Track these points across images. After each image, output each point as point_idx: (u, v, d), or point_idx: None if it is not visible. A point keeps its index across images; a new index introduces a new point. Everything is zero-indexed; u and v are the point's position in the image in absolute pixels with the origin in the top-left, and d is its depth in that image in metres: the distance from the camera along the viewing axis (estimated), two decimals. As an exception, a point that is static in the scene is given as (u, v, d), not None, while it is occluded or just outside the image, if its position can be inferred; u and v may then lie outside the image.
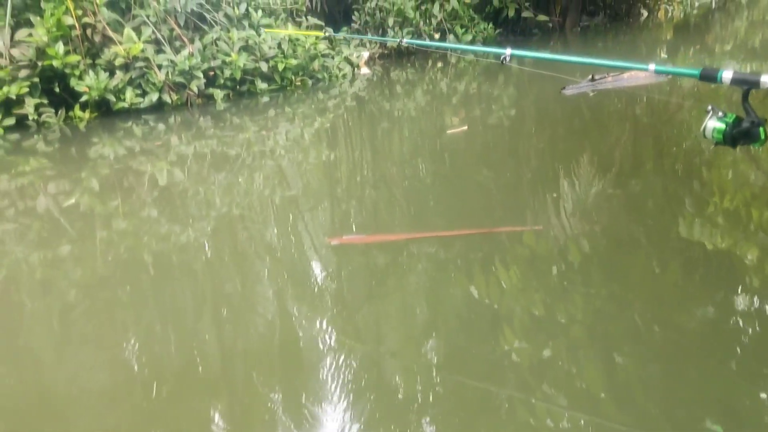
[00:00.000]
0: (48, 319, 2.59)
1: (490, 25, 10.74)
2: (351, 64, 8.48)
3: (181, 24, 6.99)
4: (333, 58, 8.17)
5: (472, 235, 2.95)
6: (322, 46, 7.98)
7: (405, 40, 4.36)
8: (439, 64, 9.37)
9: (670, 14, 14.50)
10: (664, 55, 8.75)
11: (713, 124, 1.94)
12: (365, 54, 9.29)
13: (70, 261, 3.06)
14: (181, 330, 2.44)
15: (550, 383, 1.90)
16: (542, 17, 11.83)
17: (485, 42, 10.51)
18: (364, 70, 8.79)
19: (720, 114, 1.94)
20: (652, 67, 2.13)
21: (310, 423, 1.83)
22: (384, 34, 9.91)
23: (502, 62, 2.81)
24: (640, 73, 5.75)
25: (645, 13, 14.21)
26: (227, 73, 6.92)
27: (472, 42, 10.24)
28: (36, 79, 6.08)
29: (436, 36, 10.02)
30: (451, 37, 10.07)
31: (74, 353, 2.33)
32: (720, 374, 1.91)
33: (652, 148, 4.33)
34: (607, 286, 2.52)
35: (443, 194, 3.75)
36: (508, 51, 2.76)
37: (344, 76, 8.11)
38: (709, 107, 1.96)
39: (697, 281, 2.52)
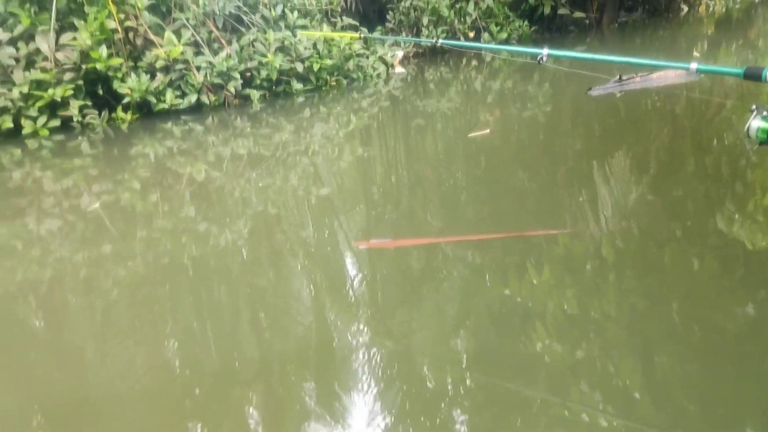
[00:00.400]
0: (90, 315, 2.68)
1: (526, 22, 10.65)
2: (385, 63, 8.50)
3: (219, 26, 7.11)
4: (367, 57, 8.22)
5: (503, 239, 2.94)
6: (357, 46, 8.03)
7: (441, 40, 4.36)
8: (474, 63, 9.34)
9: (711, 9, 14.15)
10: (696, 54, 8.56)
11: (758, 123, 1.91)
12: (399, 53, 9.31)
13: (111, 258, 3.15)
14: (215, 327, 2.50)
15: (585, 384, 1.90)
16: (579, 14, 11.67)
17: (520, 40, 10.43)
18: (399, 70, 8.81)
19: (765, 113, 1.91)
20: (693, 66, 2.10)
21: (342, 420, 1.87)
22: (418, 33, 9.92)
23: (538, 62, 2.78)
24: (669, 73, 5.61)
25: (685, 8, 13.90)
26: (263, 73, 7.02)
27: (507, 40, 10.18)
28: (80, 82, 6.26)
29: (471, 34, 9.98)
30: (485, 35, 10.02)
31: (115, 349, 2.41)
32: (760, 374, 1.88)
33: (689, 148, 4.25)
34: (644, 285, 2.49)
35: (473, 196, 3.75)
36: (545, 51, 2.74)
37: (378, 75, 8.15)
38: (754, 106, 1.93)
39: (737, 280, 2.48)
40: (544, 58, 2.74)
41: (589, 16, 12.06)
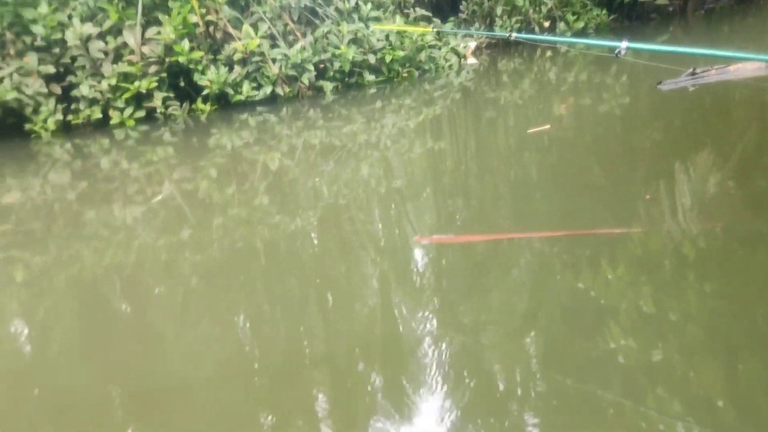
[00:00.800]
0: (169, 298, 2.83)
1: (604, 11, 10.32)
2: (458, 54, 8.46)
3: (295, 19, 7.27)
4: (440, 48, 8.19)
5: (573, 237, 2.90)
6: (429, 37, 8.02)
7: (514, 34, 4.31)
8: (549, 53, 9.14)
9: (809, -6, 13.25)
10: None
11: None
12: (472, 44, 9.23)
13: (188, 244, 3.31)
14: (283, 314, 2.59)
15: (662, 388, 1.86)
16: (662, 0, 11.20)
17: (598, 29, 10.13)
18: (471, 61, 8.74)
19: None
20: (775, 58, 2.00)
21: (408, 412, 1.91)
22: (492, 23, 9.79)
23: (616, 55, 2.71)
24: (747, 65, 5.30)
25: (779, -7, 13.09)
26: (336, 65, 7.13)
27: (584, 29, 9.90)
28: (164, 74, 6.56)
29: (546, 24, 9.78)
30: (561, 25, 9.78)
31: (189, 334, 2.54)
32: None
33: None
34: (727, 287, 2.40)
35: (543, 191, 3.70)
36: (624, 44, 2.66)
37: (450, 66, 8.12)
38: None
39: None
40: (623, 51, 2.66)
41: (673, 2, 11.55)
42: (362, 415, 1.92)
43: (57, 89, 6.37)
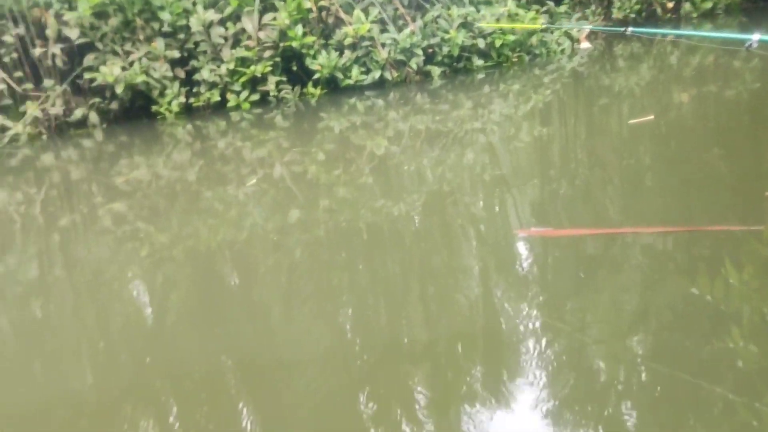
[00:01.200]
0: (275, 276, 2.96)
1: (737, -11, 9.55)
2: (571, 38, 8.15)
3: (405, 3, 7.28)
4: (552, 32, 7.93)
5: (683, 233, 2.73)
6: (542, 20, 7.78)
7: (630, 28, 4.08)
8: (670, 36, 8.59)
9: None
10: None
11: None
12: (586, 28, 8.85)
13: (296, 224, 3.43)
14: (384, 297, 2.63)
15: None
16: (805, -22, 10.18)
17: (728, 10, 9.40)
18: (585, 45, 8.40)
19: None
20: None
21: (508, 406, 1.89)
22: (609, 5, 9.34)
23: (747, 48, 2.48)
24: None
25: None
26: (445, 50, 7.09)
27: (713, 10, 9.23)
28: (278, 59, 6.80)
29: (670, 5, 9.19)
30: (686, 5, 9.17)
31: (296, 311, 2.65)
32: None
33: None
34: None
35: (656, 183, 3.51)
36: (756, 36, 2.41)
37: (563, 51, 7.84)
38: None
39: None
40: (754, 44, 2.43)
41: (819, -20, 10.46)
42: (457, 404, 1.92)
43: (181, 73, 6.77)
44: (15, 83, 6.52)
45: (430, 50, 7.14)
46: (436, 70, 7.07)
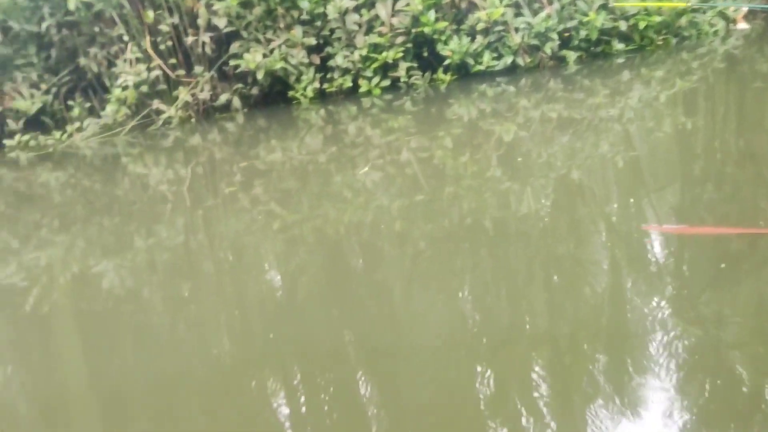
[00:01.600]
0: (401, 261, 3.01)
1: None
2: (726, 18, 7.48)
3: (542, -15, 7.04)
4: (704, 12, 7.32)
5: None
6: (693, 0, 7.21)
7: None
8: None
9: None
10: None
11: None
12: (745, 6, 8.08)
13: (421, 210, 3.46)
14: (508, 286, 2.59)
15: None
16: None
17: None
18: (741, 26, 7.67)
19: None
20: None
21: (635, 403, 1.81)
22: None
23: None
24: None
25: None
26: (582, 33, 6.78)
27: None
28: (409, 45, 6.85)
29: None
30: None
31: (419, 296, 2.68)
32: None
33: None
34: None
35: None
36: None
37: (716, 32, 7.22)
38: None
39: None
40: None
41: None
42: (579, 400, 1.87)
43: (316, 59, 7.02)
44: (169, 70, 7.08)
45: (566, 34, 6.86)
46: (571, 55, 6.78)
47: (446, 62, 6.79)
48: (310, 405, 2.03)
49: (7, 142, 7.14)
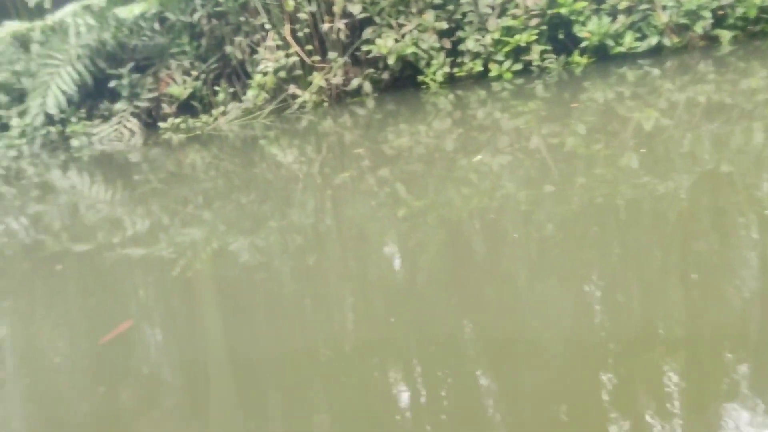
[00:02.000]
0: (526, 249, 2.93)
1: None
2: None
3: (694, -41, 6.51)
4: None
5: None
6: None
7: None
8: None
9: None
10: None
11: None
12: None
13: (550, 198, 3.35)
14: (640, 282, 2.45)
15: None
16: None
17: None
18: None
19: None
20: None
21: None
22: None
23: None
24: None
25: None
26: (739, 11, 6.19)
27: None
28: (544, 27, 6.61)
29: None
30: None
31: (544, 287, 2.60)
32: None
33: None
34: None
35: None
36: None
37: None
38: None
39: None
40: None
41: None
42: (719, 410, 1.73)
43: (447, 44, 6.98)
44: (306, 56, 7.36)
45: (721, 12, 6.30)
46: (726, 35, 6.23)
47: (583, 44, 6.49)
48: (427, 391, 2.04)
49: (161, 124, 7.79)
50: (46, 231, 4.43)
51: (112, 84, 7.90)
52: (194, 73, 7.79)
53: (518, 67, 6.68)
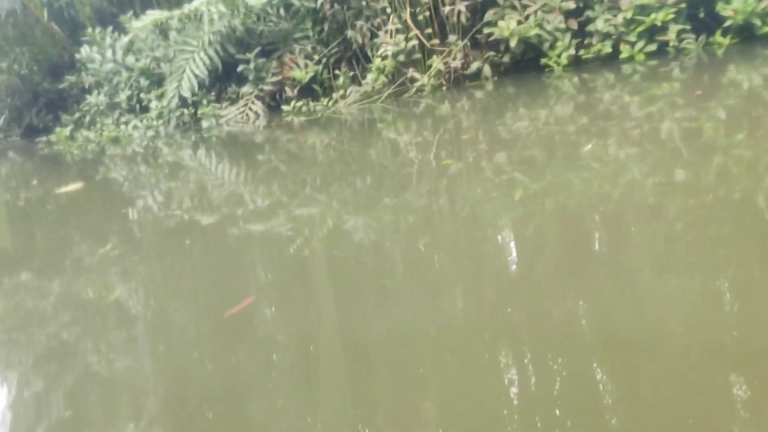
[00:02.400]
0: (649, 243, 2.74)
1: None
2: None
3: None
4: None
5: None
6: None
7: None
8: None
9: None
10: None
11: None
12: None
13: (680, 190, 3.10)
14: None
15: None
16: None
17: None
18: None
19: None
20: None
21: None
22: None
23: None
24: None
25: None
26: None
27: None
28: (683, 5, 6.14)
29: None
30: None
31: (664, 283, 2.41)
32: None
33: None
34: None
35: None
36: None
37: None
38: None
39: None
40: None
41: None
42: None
43: (574, 24, 6.67)
44: (425, 39, 7.31)
45: None
46: None
47: (726, 23, 5.96)
48: (539, 385, 1.96)
49: (284, 107, 8.07)
50: (179, 206, 4.73)
51: (240, 68, 8.27)
52: (316, 57, 7.99)
53: (652, 47, 6.25)
